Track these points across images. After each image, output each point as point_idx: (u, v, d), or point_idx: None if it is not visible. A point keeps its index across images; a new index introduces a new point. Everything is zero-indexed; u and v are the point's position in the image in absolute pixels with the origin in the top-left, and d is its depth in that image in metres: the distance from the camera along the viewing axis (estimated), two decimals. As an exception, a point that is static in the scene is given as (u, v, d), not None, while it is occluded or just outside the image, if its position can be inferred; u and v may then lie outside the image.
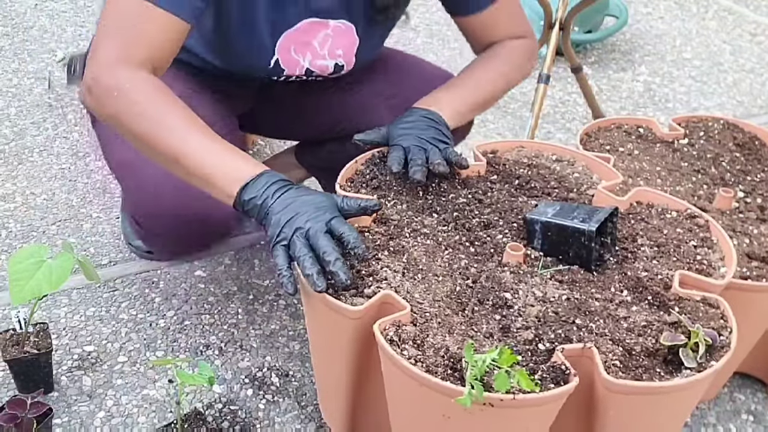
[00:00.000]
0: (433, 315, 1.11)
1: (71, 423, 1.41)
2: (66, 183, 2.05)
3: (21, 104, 2.38)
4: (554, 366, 1.03)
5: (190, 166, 1.19)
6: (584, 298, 1.17)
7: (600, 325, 1.11)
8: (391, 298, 1.10)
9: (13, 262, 1.30)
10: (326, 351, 1.25)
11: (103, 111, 1.25)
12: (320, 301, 1.12)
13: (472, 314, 1.13)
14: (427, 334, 1.07)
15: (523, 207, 1.34)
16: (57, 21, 2.90)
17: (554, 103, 2.64)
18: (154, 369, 1.53)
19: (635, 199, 1.39)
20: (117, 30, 1.25)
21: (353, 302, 1.11)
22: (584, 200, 1.37)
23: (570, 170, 1.46)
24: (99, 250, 1.84)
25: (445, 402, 1.00)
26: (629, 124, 1.72)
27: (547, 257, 1.24)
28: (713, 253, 1.29)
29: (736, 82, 2.87)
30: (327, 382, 1.32)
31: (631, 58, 3.00)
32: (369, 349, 1.14)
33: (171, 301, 1.70)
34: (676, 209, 1.38)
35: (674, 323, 1.13)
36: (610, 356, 1.06)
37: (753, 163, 1.64)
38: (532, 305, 1.14)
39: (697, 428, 1.49)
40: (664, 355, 1.08)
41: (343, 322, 1.11)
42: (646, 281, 1.20)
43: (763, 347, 1.44)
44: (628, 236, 1.30)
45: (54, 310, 1.65)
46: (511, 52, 1.55)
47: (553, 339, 1.08)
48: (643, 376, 1.04)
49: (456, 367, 1.03)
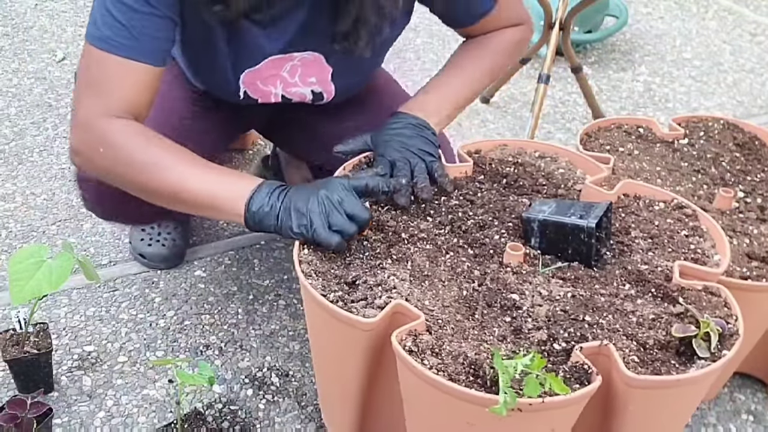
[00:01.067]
0: (446, 321, 1.10)
1: (71, 423, 1.41)
2: (66, 183, 2.05)
3: (21, 104, 2.38)
4: (576, 366, 1.03)
5: (191, 199, 1.22)
6: (589, 294, 1.17)
7: (610, 321, 1.12)
8: (402, 308, 1.09)
9: (13, 262, 1.30)
10: (335, 363, 1.22)
11: (95, 168, 1.28)
12: (330, 313, 1.10)
13: (482, 318, 1.12)
14: (443, 342, 1.06)
15: (515, 206, 1.35)
16: (57, 21, 2.91)
17: (554, 103, 2.64)
18: (154, 369, 1.53)
19: (622, 192, 1.40)
20: (89, 87, 1.25)
21: (365, 314, 1.09)
22: (573, 196, 1.38)
23: (554, 166, 1.47)
24: (99, 250, 1.84)
25: (469, 409, 0.99)
26: (629, 124, 1.72)
27: (545, 255, 1.25)
28: (704, 241, 1.30)
29: (736, 82, 2.87)
30: (333, 392, 1.30)
31: (631, 58, 3.00)
32: (379, 359, 1.14)
33: (171, 301, 1.70)
34: (663, 200, 1.39)
35: (680, 314, 1.14)
36: (627, 352, 1.06)
37: (753, 163, 1.64)
38: (540, 305, 1.14)
39: (697, 428, 1.49)
40: (676, 347, 1.09)
41: (354, 334, 1.10)
42: (647, 274, 1.21)
43: (763, 347, 1.44)
44: (621, 229, 1.31)
45: (54, 310, 1.65)
46: (502, 43, 1.51)
47: (568, 338, 1.09)
48: (661, 369, 1.05)
49: (478, 373, 1.02)
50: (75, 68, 2.57)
